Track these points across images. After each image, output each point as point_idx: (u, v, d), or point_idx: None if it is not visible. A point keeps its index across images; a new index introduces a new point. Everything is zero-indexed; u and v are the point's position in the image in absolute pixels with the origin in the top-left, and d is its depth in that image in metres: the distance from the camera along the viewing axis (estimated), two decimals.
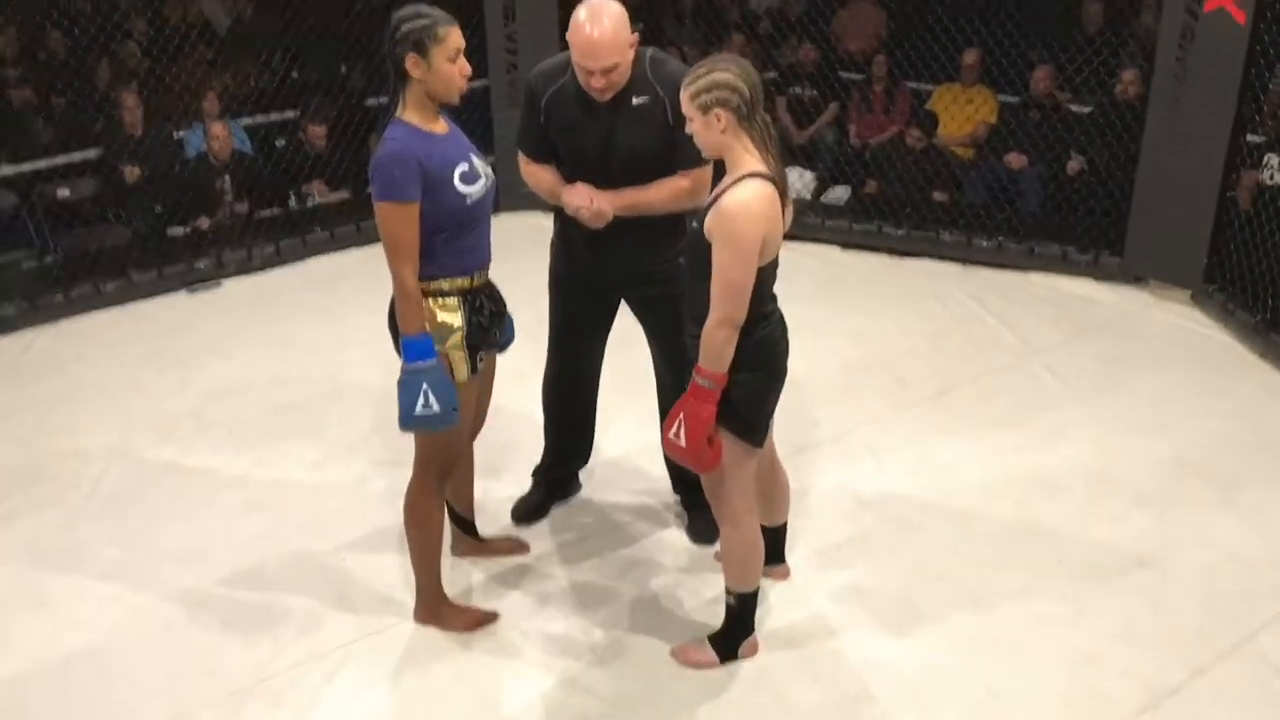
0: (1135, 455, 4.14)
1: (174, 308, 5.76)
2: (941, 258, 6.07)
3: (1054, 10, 6.78)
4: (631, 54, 3.09)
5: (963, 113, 6.74)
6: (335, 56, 6.72)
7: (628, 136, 3.15)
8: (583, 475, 3.93)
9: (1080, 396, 4.58)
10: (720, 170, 2.80)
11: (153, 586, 3.51)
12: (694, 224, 2.79)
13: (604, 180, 3.20)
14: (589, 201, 3.16)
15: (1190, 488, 3.93)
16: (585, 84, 3.10)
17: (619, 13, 3.04)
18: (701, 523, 3.61)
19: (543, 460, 3.83)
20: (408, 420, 2.88)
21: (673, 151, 3.14)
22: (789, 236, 2.84)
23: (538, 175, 3.36)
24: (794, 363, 3.01)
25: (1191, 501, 3.85)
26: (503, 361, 3.30)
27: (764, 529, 3.16)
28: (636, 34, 3.09)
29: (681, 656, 3.13)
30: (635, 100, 3.13)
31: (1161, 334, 5.17)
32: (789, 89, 7.29)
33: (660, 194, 3.20)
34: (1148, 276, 5.63)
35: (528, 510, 3.78)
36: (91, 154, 6.40)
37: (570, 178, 3.28)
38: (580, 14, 3.03)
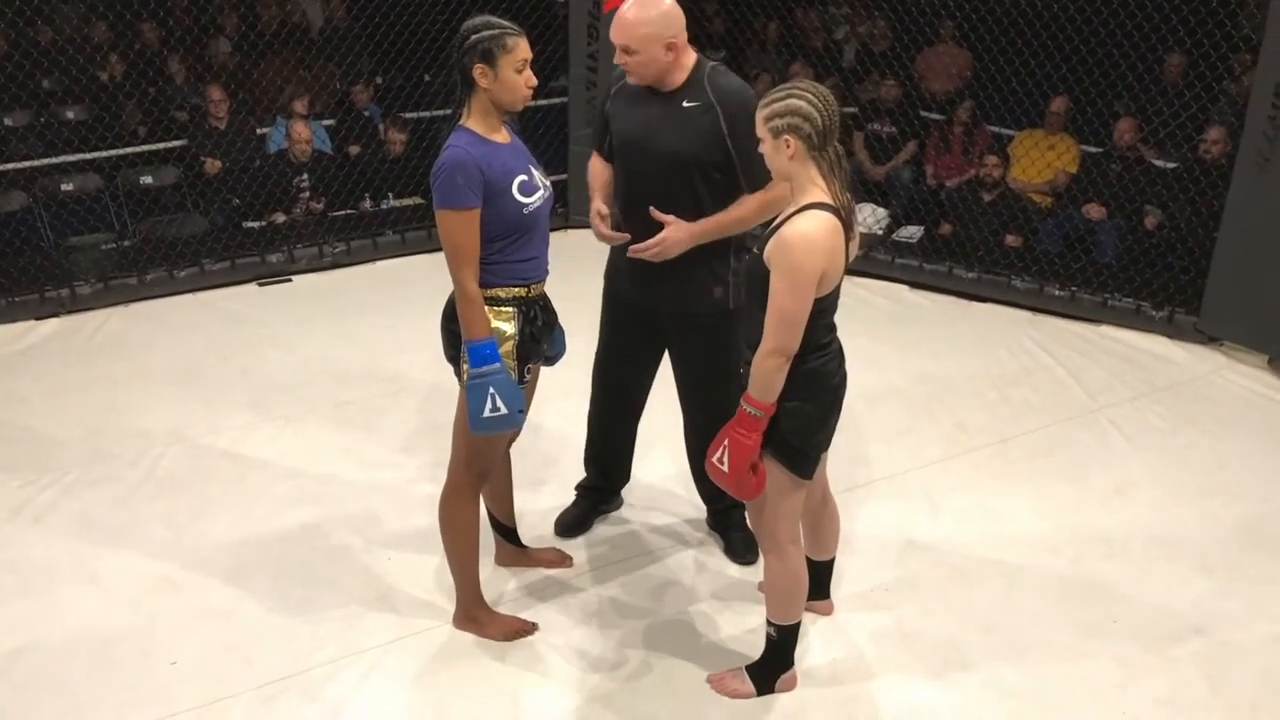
0: (1199, 520, 4.02)
1: (243, 299, 5.87)
2: (1012, 304, 5.97)
3: (1139, 61, 6.66)
4: (661, 53, 3.10)
5: (1043, 159, 6.64)
6: (420, 63, 6.80)
7: (670, 136, 3.17)
8: (626, 495, 3.92)
9: (1145, 455, 4.46)
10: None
11: (199, 571, 3.55)
12: (754, 250, 2.77)
13: (642, 177, 3.24)
14: (651, 247, 3.17)
15: (1255, 558, 3.80)
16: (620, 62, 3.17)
17: (666, 9, 3.09)
18: (738, 542, 3.66)
19: (585, 477, 3.85)
20: (477, 424, 2.89)
21: (728, 162, 3.18)
22: (858, 271, 2.84)
23: (595, 168, 3.44)
24: (853, 399, 2.96)
25: (1256, 572, 3.72)
26: (555, 375, 3.29)
27: (810, 563, 3.12)
28: (676, 40, 3.11)
29: (718, 685, 3.09)
30: (686, 103, 3.17)
31: (1234, 398, 5.03)
32: (868, 124, 7.25)
33: (730, 217, 3.20)
34: (1223, 338, 5.49)
35: (568, 523, 3.78)
36: (176, 144, 6.56)
37: (618, 174, 3.34)
38: None
